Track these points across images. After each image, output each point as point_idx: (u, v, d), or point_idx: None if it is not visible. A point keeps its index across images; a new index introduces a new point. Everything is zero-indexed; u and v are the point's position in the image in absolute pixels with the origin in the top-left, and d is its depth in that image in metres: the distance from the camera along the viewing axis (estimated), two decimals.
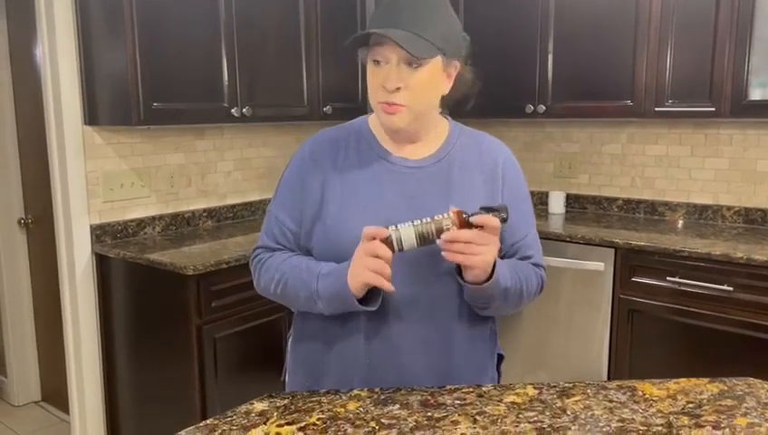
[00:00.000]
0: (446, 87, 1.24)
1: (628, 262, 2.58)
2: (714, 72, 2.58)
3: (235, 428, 1.05)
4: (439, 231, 1.12)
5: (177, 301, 2.32)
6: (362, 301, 1.17)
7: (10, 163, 3.13)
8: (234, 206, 3.09)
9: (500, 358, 1.42)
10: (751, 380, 1.23)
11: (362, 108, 3.16)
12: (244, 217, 3.13)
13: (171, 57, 2.42)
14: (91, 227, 2.59)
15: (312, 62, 2.92)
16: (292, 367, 1.39)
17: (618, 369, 2.65)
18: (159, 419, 2.47)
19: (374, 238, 1.11)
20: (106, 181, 2.62)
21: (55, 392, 3.18)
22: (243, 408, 1.13)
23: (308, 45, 2.90)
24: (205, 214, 2.97)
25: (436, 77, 1.20)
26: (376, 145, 1.28)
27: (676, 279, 2.45)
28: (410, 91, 1.17)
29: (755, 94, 2.52)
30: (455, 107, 1.33)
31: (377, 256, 1.11)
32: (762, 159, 2.80)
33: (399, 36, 1.12)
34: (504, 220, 1.14)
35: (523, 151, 3.51)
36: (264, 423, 1.07)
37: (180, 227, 2.88)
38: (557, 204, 3.26)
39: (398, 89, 1.16)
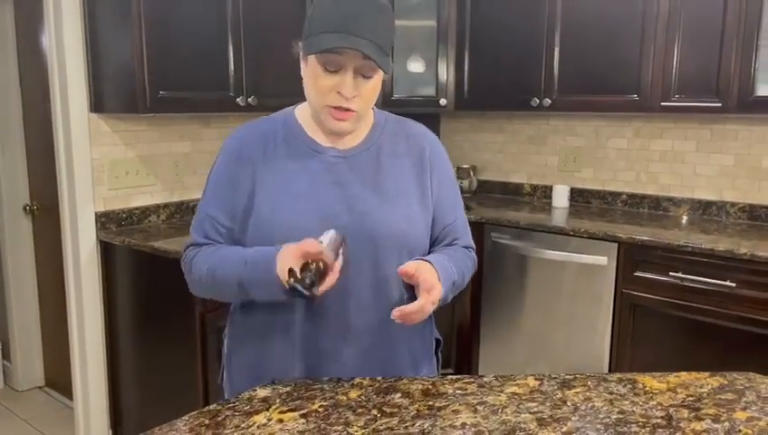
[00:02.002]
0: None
1: (631, 257, 2.58)
2: (721, 66, 2.57)
3: (237, 414, 1.06)
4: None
5: (180, 289, 2.29)
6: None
7: (16, 150, 3.14)
8: None
9: (438, 343, 1.43)
10: (751, 374, 1.23)
11: None
12: None
13: (178, 46, 2.42)
14: (96, 214, 2.60)
15: None
16: (228, 366, 1.36)
17: (619, 363, 2.65)
18: (162, 406, 2.49)
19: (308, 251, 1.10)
20: (111, 169, 2.63)
21: (59, 378, 3.20)
22: (245, 394, 1.14)
23: None
24: None
25: (380, 81, 1.22)
26: (304, 137, 1.27)
27: (679, 274, 2.45)
28: (362, 99, 1.19)
29: (763, 90, 2.51)
30: (457, 100, 1.33)
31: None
32: (767, 156, 2.80)
33: (370, 50, 1.11)
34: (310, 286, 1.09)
35: (527, 145, 3.51)
36: (267, 410, 1.08)
37: (185, 215, 2.89)
38: (561, 198, 3.26)
39: (354, 96, 1.17)
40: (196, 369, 2.32)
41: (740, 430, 1.01)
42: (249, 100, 2.66)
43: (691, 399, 1.12)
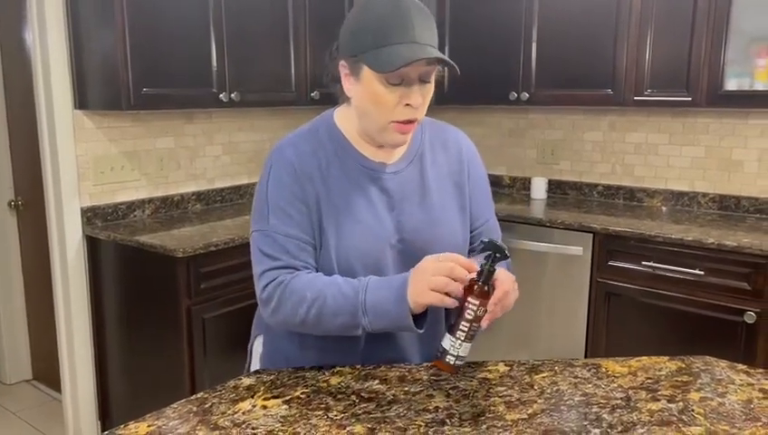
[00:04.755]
0: None
1: (606, 247, 2.67)
2: (691, 62, 2.65)
3: (224, 401, 1.12)
4: (479, 319, 1.12)
5: (166, 282, 2.38)
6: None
7: (0, 146, 3.16)
8: (222, 189, 3.14)
9: None
10: (708, 358, 1.31)
11: None
12: (232, 200, 3.19)
13: (161, 43, 2.46)
14: (81, 209, 2.64)
15: (300, 48, 2.97)
16: (269, 360, 1.36)
17: (595, 349, 2.75)
18: (150, 397, 2.54)
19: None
20: (96, 165, 2.66)
21: (47, 371, 3.24)
22: (231, 383, 1.20)
23: (296, 31, 2.94)
24: (194, 197, 3.02)
25: None
26: (353, 152, 1.26)
27: (651, 263, 2.54)
28: (425, 106, 1.20)
29: (731, 84, 2.60)
30: (438, 94, 1.33)
31: (450, 277, 1.09)
32: (736, 148, 2.89)
33: (439, 54, 1.12)
34: (505, 258, 1.13)
35: (506, 137, 3.58)
36: (252, 397, 1.14)
37: (170, 209, 2.93)
38: (539, 190, 3.34)
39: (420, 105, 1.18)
40: (183, 361, 2.37)
41: (693, 410, 1.09)
42: (232, 96, 2.70)
43: (650, 381, 1.20)
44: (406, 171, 1.29)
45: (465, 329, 1.11)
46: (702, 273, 2.43)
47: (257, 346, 1.43)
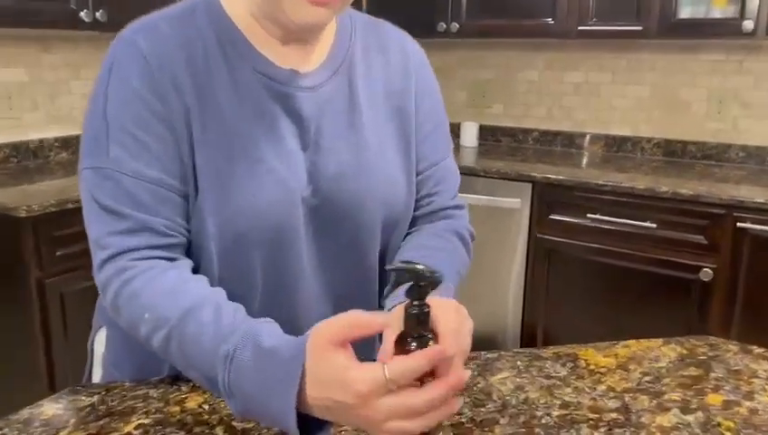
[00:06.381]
0: None
1: (547, 198, 2.35)
2: None
3: None
4: None
5: (9, 250, 1.87)
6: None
7: None
8: None
9: None
10: (712, 339, 0.99)
11: None
12: None
13: None
14: None
15: None
16: (113, 363, 0.92)
17: (533, 314, 2.45)
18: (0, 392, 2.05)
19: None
20: None
21: None
22: (24, 413, 0.75)
23: None
24: (57, 144, 2.47)
25: None
26: (249, 50, 0.80)
27: (597, 216, 2.25)
28: None
29: (685, 12, 2.31)
30: None
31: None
32: (684, 87, 2.62)
33: None
34: (437, 283, 0.61)
35: None
36: None
37: (24, 159, 2.37)
38: (470, 136, 2.99)
39: None
40: (36, 346, 1.90)
41: (719, 423, 0.76)
42: (97, 14, 2.15)
43: (648, 380, 0.86)
44: (327, 86, 0.83)
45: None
46: (654, 226, 2.16)
47: (98, 345, 0.97)
